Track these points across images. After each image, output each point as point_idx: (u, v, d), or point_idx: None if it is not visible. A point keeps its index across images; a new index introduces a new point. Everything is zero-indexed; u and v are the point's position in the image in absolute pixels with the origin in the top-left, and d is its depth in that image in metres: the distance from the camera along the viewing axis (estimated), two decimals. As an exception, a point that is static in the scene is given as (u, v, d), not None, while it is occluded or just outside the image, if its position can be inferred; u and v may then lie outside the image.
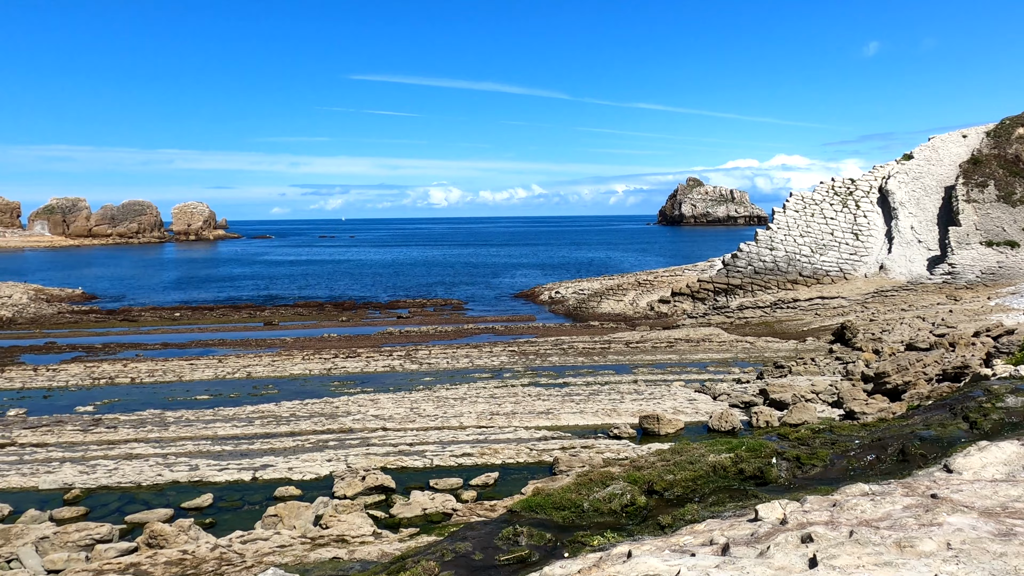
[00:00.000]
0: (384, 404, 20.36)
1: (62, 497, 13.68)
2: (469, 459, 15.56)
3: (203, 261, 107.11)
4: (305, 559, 9.57)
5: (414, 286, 65.34)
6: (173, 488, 14.16)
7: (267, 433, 17.65)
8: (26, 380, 24.67)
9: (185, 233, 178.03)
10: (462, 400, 20.80)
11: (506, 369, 25.63)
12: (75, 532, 11.50)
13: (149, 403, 21.25)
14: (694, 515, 5.03)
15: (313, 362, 27.43)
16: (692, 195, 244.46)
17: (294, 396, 21.86)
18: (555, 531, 5.34)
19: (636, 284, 51.60)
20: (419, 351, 29.82)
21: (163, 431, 17.85)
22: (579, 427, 18.04)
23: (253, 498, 13.68)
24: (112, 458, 15.83)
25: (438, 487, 13.92)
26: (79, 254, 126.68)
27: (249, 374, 25.41)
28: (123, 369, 26.36)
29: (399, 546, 10.08)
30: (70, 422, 18.82)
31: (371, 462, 15.15)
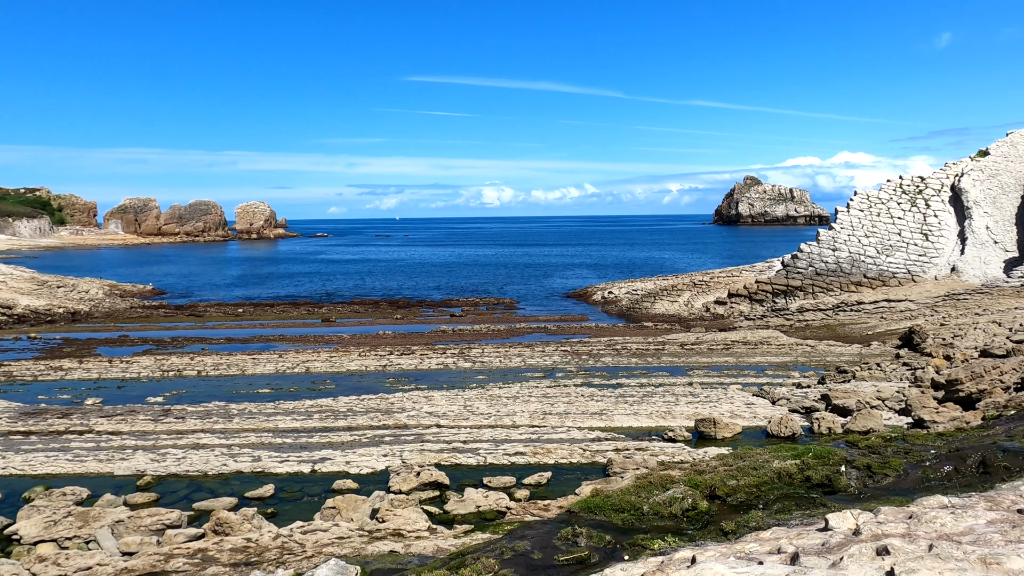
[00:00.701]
0: (438, 401, 20.59)
1: (135, 483, 14.33)
2: (522, 458, 15.59)
3: (264, 259, 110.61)
4: (363, 551, 9.76)
5: (467, 285, 65.88)
6: (237, 478, 14.66)
7: (325, 427, 18.09)
8: (102, 371, 25.98)
9: (247, 232, 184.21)
10: (515, 399, 20.85)
11: (559, 369, 25.57)
12: (147, 517, 12.04)
13: (214, 395, 22.06)
14: (759, 522, 4.90)
15: (369, 358, 27.97)
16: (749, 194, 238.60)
17: (351, 391, 22.34)
18: (614, 533, 5.30)
19: (691, 285, 50.70)
20: (472, 349, 30.04)
21: (227, 422, 18.51)
22: (633, 429, 17.84)
23: (312, 490, 14.04)
24: (180, 447, 16.50)
25: (491, 485, 13.99)
26: (149, 252, 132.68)
27: (308, 369, 26.09)
28: (190, 362, 27.46)
29: (454, 542, 10.18)
30: (142, 412, 19.71)
31: (425, 458, 15.35)
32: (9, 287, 51.55)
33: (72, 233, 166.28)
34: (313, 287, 64.53)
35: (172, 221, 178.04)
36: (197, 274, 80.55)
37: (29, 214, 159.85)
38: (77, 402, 21.28)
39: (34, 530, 11.83)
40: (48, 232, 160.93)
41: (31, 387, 23.69)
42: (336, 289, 62.89)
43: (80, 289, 55.03)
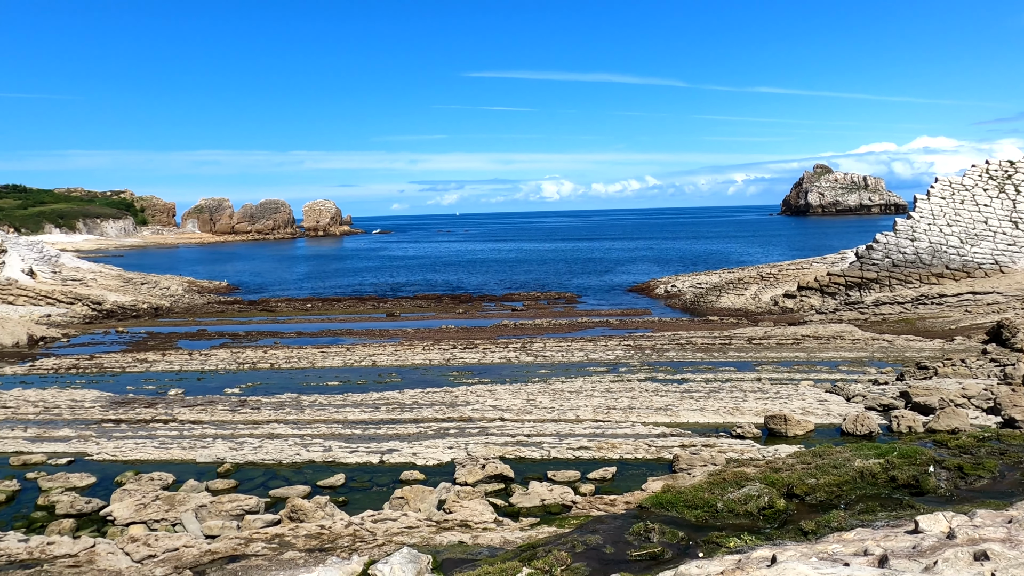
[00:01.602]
0: (501, 395, 20.74)
1: (215, 470, 15.02)
2: (586, 452, 15.53)
3: (330, 255, 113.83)
4: (432, 541, 9.94)
5: (528, 279, 65.99)
6: (309, 467, 15.16)
7: (392, 419, 18.50)
8: (183, 363, 27.33)
9: (314, 229, 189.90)
10: (578, 393, 20.78)
11: (622, 363, 25.32)
12: (228, 502, 12.61)
13: (286, 387, 22.88)
14: (841, 522, 4.73)
15: (433, 352, 28.42)
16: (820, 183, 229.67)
17: (416, 384, 22.75)
18: (687, 529, 5.21)
19: (758, 278, 49.24)
20: (534, 344, 30.09)
21: (299, 413, 19.17)
22: (699, 425, 17.50)
23: (381, 480, 14.38)
24: (256, 437, 17.20)
25: (556, 479, 14.00)
26: (223, 249, 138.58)
27: (374, 362, 26.72)
28: (263, 355, 28.56)
29: (520, 535, 10.25)
30: (220, 402, 20.64)
31: (490, 451, 15.49)
32: (99, 284, 54.84)
33: (153, 232, 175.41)
34: (378, 282, 66.01)
35: (244, 220, 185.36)
36: (268, 271, 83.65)
37: (115, 215, 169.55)
38: (161, 393, 22.47)
39: (126, 512, 12.58)
40: (132, 232, 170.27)
41: (120, 378, 25.15)
42: (400, 284, 64.15)
43: (162, 286, 58.02)
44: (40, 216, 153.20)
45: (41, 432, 17.78)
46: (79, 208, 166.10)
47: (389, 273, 76.61)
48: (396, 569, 5.91)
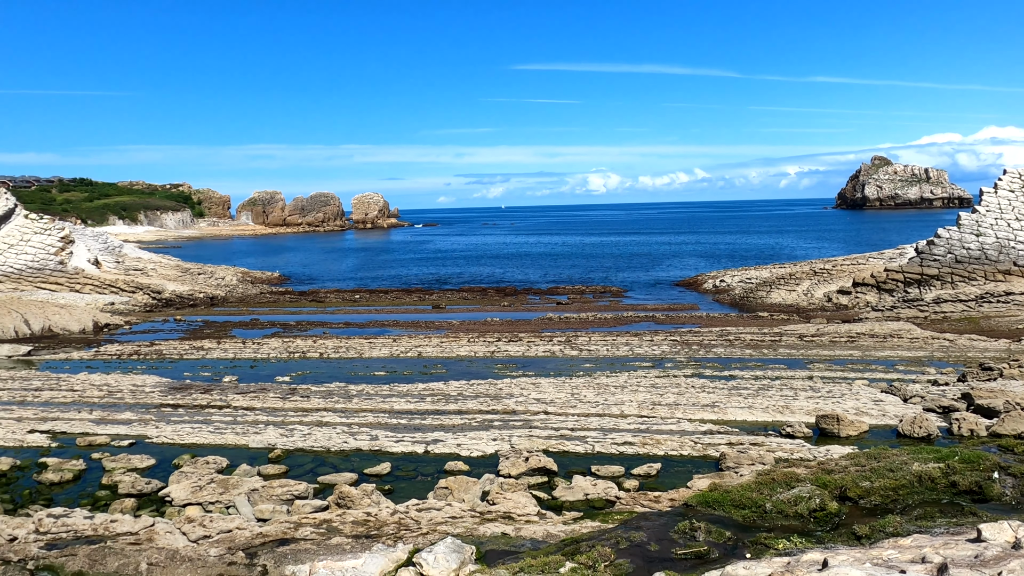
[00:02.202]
0: (545, 388, 20.73)
1: (267, 455, 15.46)
2: (630, 448, 15.40)
3: (378, 247, 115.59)
4: (476, 531, 10.03)
5: (573, 273, 65.72)
6: (356, 455, 15.46)
7: (437, 410, 18.70)
8: (237, 351, 28.20)
9: (363, 222, 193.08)
10: (623, 388, 20.61)
11: (668, 359, 25.00)
12: (278, 487, 12.98)
13: (335, 376, 23.37)
14: (896, 527, 4.56)
15: (478, 344, 28.59)
16: (878, 175, 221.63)
17: (461, 376, 22.94)
18: (734, 529, 5.12)
19: (811, 273, 47.87)
20: (579, 337, 29.96)
21: (347, 403, 19.56)
22: (747, 423, 17.15)
23: (425, 470, 14.56)
24: (306, 424, 17.63)
25: (600, 473, 13.94)
26: (275, 241, 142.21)
27: (420, 354, 27.05)
28: (313, 345, 29.22)
29: (563, 528, 10.24)
30: (272, 390, 21.23)
31: (534, 444, 15.52)
32: (158, 274, 56.99)
33: (209, 224, 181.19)
34: (424, 274, 66.75)
35: (295, 212, 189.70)
36: (318, 262, 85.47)
37: (173, 207, 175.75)
38: (216, 379, 23.24)
39: (183, 494, 13.07)
40: (189, 224, 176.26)
41: (178, 364, 26.11)
42: (445, 276, 64.71)
43: (217, 276, 59.92)
44: (105, 208, 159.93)
45: (105, 415, 18.62)
46: (140, 201, 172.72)
47: (435, 265, 77.36)
48: (440, 558, 5.98)
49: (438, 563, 5.96)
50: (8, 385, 22.23)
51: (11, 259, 49.59)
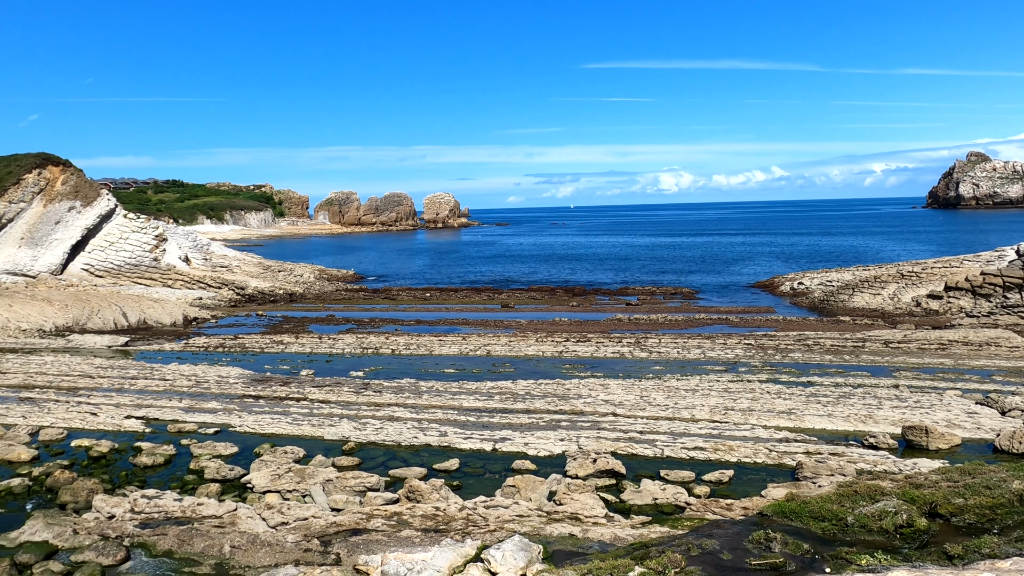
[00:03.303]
0: (614, 390, 20.53)
1: (341, 447, 15.97)
2: (701, 453, 15.05)
3: (448, 247, 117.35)
4: (542, 531, 10.04)
5: (643, 273, 64.77)
6: (426, 450, 15.75)
7: (505, 408, 18.82)
8: (313, 346, 29.25)
9: (434, 221, 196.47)
10: (693, 392, 20.16)
11: (741, 363, 24.27)
12: (352, 479, 13.38)
13: (406, 372, 23.89)
14: (994, 549, 4.28)
15: (546, 344, 28.59)
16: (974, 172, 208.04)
17: (528, 376, 23.01)
18: (813, 542, 4.92)
19: (898, 276, 45.40)
20: (648, 339, 29.51)
21: (418, 398, 19.96)
22: (826, 432, 16.45)
23: (493, 467, 14.68)
24: (378, 418, 18.10)
25: (669, 478, 13.69)
26: (350, 240, 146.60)
27: (488, 352, 27.29)
28: (385, 341, 29.97)
29: (631, 532, 10.12)
30: (346, 384, 21.90)
31: (602, 446, 15.40)
32: (242, 271, 59.78)
33: (289, 223, 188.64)
34: (493, 274, 67.30)
35: (370, 212, 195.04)
36: (390, 261, 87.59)
37: (256, 207, 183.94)
38: (294, 372, 24.18)
39: (263, 481, 13.68)
40: (270, 223, 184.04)
41: (259, 358, 27.32)
42: (514, 276, 65.03)
43: (296, 273, 62.32)
44: (194, 208, 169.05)
45: (193, 404, 19.70)
46: (226, 201, 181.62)
47: (504, 265, 77.86)
48: (508, 556, 6.02)
49: (506, 560, 6.00)
50: (108, 373, 23.85)
51: (111, 255, 53.16)
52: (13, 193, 51.60)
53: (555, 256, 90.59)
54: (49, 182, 53.59)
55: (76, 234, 52.30)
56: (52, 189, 53.46)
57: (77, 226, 52.55)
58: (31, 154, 54.87)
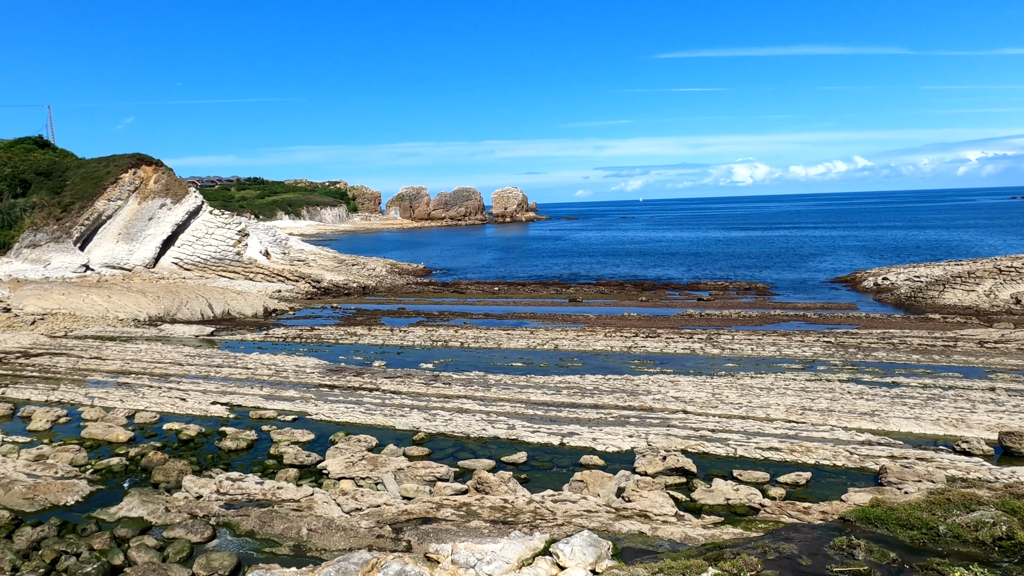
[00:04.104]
0: (684, 387, 20.12)
1: (411, 437, 16.33)
2: (777, 454, 14.56)
3: (516, 241, 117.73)
4: (611, 527, 9.96)
5: (715, 268, 63.11)
6: (494, 442, 15.90)
7: (573, 403, 18.76)
8: (385, 338, 29.98)
9: (502, 215, 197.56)
10: (768, 390, 19.51)
11: (820, 361, 23.31)
12: (422, 468, 13.65)
13: (474, 365, 24.15)
14: (1107, 567, 3.94)
15: (614, 339, 28.30)
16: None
17: (596, 371, 22.84)
18: (900, 551, 4.67)
19: (995, 271, 42.44)
20: (721, 335, 28.75)
21: (486, 391, 20.15)
22: (912, 435, 15.60)
23: (561, 461, 14.67)
24: (447, 410, 18.39)
25: (742, 479, 13.31)
26: (420, 234, 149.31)
27: (556, 346, 27.25)
28: (454, 334, 30.39)
29: (702, 532, 9.90)
30: (416, 376, 22.36)
31: (672, 443, 15.12)
32: (318, 265, 61.88)
33: (362, 218, 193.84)
34: (560, 268, 67.10)
35: (439, 207, 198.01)
36: (459, 255, 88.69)
37: (331, 203, 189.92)
38: (367, 363, 24.86)
39: (338, 468, 14.14)
40: (344, 218, 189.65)
41: (334, 348, 28.24)
42: (582, 270, 64.63)
43: (368, 267, 64.01)
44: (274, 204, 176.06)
45: (273, 391, 20.57)
46: (303, 197, 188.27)
47: (572, 259, 77.50)
48: (577, 551, 5.99)
49: (575, 555, 5.98)
50: (195, 361, 25.20)
51: (198, 250, 56.08)
52: (112, 191, 55.18)
53: (624, 250, 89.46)
54: (143, 181, 56.99)
55: (167, 230, 55.44)
56: (146, 187, 56.83)
57: (168, 222, 55.69)
58: (127, 155, 58.49)
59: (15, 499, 12.84)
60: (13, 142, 59.33)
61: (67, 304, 37.12)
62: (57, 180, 55.52)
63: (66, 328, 32.94)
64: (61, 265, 49.97)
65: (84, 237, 53.68)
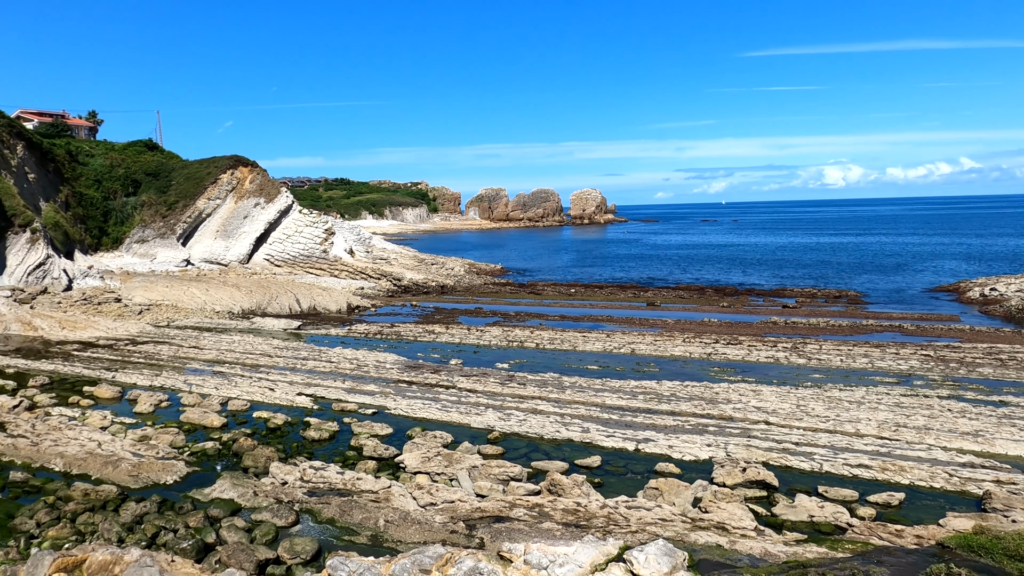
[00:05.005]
0: (767, 397, 19.39)
1: (486, 436, 16.50)
2: (866, 472, 13.81)
3: (594, 243, 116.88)
4: (686, 537, 9.72)
5: (802, 274, 60.49)
6: (568, 445, 15.84)
7: (649, 408, 18.44)
8: (462, 337, 30.44)
9: (580, 217, 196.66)
10: (859, 404, 18.52)
11: (917, 376, 21.92)
12: (496, 467, 13.77)
13: (549, 367, 24.15)
14: None
15: (693, 345, 27.62)
16: None
17: (674, 376, 22.36)
18: (1007, 584, 4.32)
19: (1122, 284, 38.65)
20: (807, 344, 27.53)
21: (560, 393, 20.11)
22: (1022, 459, 14.42)
23: (635, 468, 14.45)
24: (522, 410, 18.47)
25: (828, 495, 12.70)
26: (498, 235, 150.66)
27: (633, 351, 26.86)
28: (530, 335, 30.49)
29: (784, 549, 9.50)
30: (492, 375, 22.57)
31: (752, 455, 14.61)
32: (399, 263, 63.54)
33: (442, 219, 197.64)
34: (638, 271, 66.11)
35: (517, 208, 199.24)
36: (536, 256, 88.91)
37: (413, 204, 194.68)
38: (444, 361, 25.31)
39: (414, 462, 14.47)
40: (425, 218, 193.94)
41: (412, 345, 28.91)
42: (660, 274, 63.43)
43: (447, 267, 65.18)
44: (358, 205, 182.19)
45: (354, 385, 21.27)
46: (386, 197, 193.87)
47: (650, 262, 76.20)
48: (652, 559, 5.89)
49: (649, 564, 5.88)
50: (283, 353, 26.41)
51: (288, 247, 58.75)
52: (212, 191, 58.66)
53: (705, 255, 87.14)
54: (240, 181, 60.26)
55: (260, 227, 58.39)
56: (242, 187, 60.06)
57: (261, 220, 58.64)
58: (225, 157, 62.02)
59: (122, 476, 13.85)
60: (127, 145, 64.06)
61: (170, 296, 39.73)
62: (164, 180, 59.55)
63: (169, 318, 35.26)
64: (165, 259, 53.55)
65: (186, 233, 57.30)
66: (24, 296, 36.56)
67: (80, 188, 53.51)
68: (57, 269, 40.91)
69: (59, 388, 21.32)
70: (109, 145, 63.40)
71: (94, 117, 77.94)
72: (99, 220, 53.87)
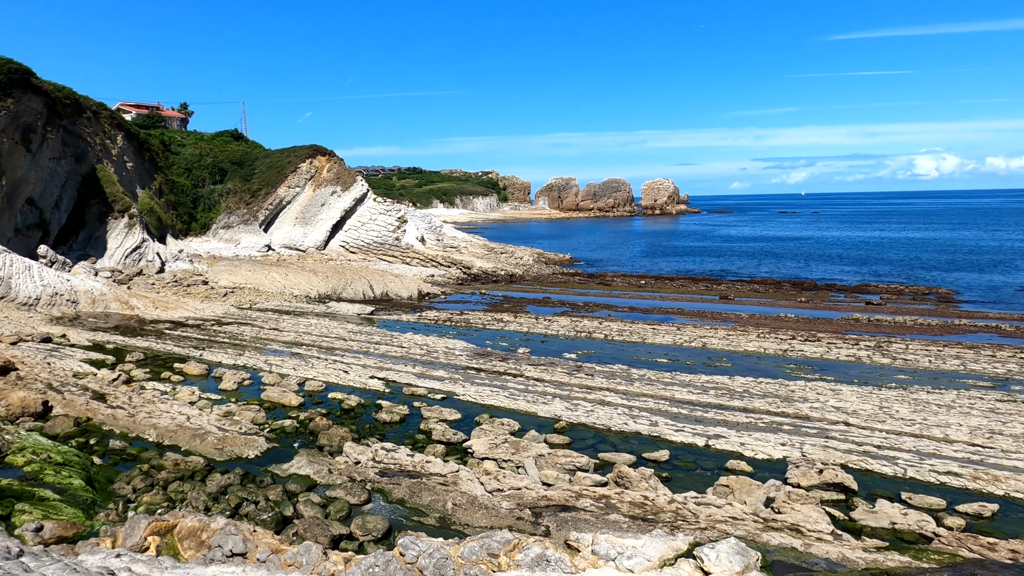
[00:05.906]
0: (846, 396, 18.58)
1: (553, 425, 16.53)
2: (956, 480, 13.04)
3: (665, 234, 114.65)
4: (759, 538, 9.47)
5: (888, 270, 57.45)
6: (635, 437, 15.68)
7: (720, 404, 18.01)
8: (530, 326, 30.53)
9: (651, 208, 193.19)
10: (948, 408, 17.49)
11: (1015, 380, 20.50)
12: (562, 457, 13.78)
13: (618, 358, 23.92)
14: None
15: (768, 341, 26.75)
16: None
17: (747, 372, 21.74)
18: (1118, 607, 4.00)
19: None
20: (892, 343, 26.17)
21: (629, 385, 19.90)
22: None
23: (705, 464, 14.16)
24: (589, 401, 18.40)
25: (912, 502, 12.08)
26: (568, 224, 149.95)
27: (704, 345, 26.26)
28: (598, 326, 30.27)
29: (863, 555, 9.10)
30: (560, 365, 22.56)
31: (830, 456, 14.06)
32: (469, 252, 64.25)
33: (512, 208, 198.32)
34: (711, 264, 64.42)
35: (588, 198, 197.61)
36: (606, 246, 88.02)
37: (483, 193, 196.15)
38: (512, 350, 25.47)
39: (482, 448, 14.66)
40: (495, 207, 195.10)
41: (481, 333, 29.23)
42: (734, 267, 61.60)
43: (516, 256, 65.43)
44: (430, 193, 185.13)
45: (424, 371, 21.72)
46: (457, 186, 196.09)
47: (723, 255, 74.12)
48: (723, 557, 5.77)
49: (720, 562, 5.76)
50: (357, 337, 27.23)
51: (363, 235, 60.39)
52: (292, 179, 60.92)
53: (782, 248, 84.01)
54: (318, 170, 62.30)
55: (336, 215, 60.24)
56: (320, 176, 62.08)
57: (337, 208, 60.49)
58: (305, 146, 64.22)
59: (208, 448, 14.66)
60: (214, 135, 67.31)
61: (252, 280, 41.61)
62: (247, 169, 62.27)
63: (251, 301, 36.95)
64: (248, 245, 56.07)
65: (267, 220, 59.79)
66: (122, 277, 39.12)
67: (172, 176, 56.65)
68: (151, 252, 43.52)
69: (152, 364, 22.71)
70: (199, 135, 66.76)
71: (185, 109, 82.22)
72: (188, 206, 56.94)
